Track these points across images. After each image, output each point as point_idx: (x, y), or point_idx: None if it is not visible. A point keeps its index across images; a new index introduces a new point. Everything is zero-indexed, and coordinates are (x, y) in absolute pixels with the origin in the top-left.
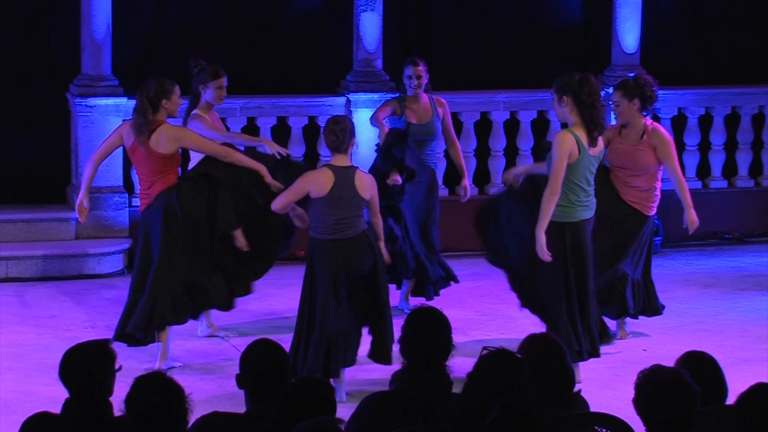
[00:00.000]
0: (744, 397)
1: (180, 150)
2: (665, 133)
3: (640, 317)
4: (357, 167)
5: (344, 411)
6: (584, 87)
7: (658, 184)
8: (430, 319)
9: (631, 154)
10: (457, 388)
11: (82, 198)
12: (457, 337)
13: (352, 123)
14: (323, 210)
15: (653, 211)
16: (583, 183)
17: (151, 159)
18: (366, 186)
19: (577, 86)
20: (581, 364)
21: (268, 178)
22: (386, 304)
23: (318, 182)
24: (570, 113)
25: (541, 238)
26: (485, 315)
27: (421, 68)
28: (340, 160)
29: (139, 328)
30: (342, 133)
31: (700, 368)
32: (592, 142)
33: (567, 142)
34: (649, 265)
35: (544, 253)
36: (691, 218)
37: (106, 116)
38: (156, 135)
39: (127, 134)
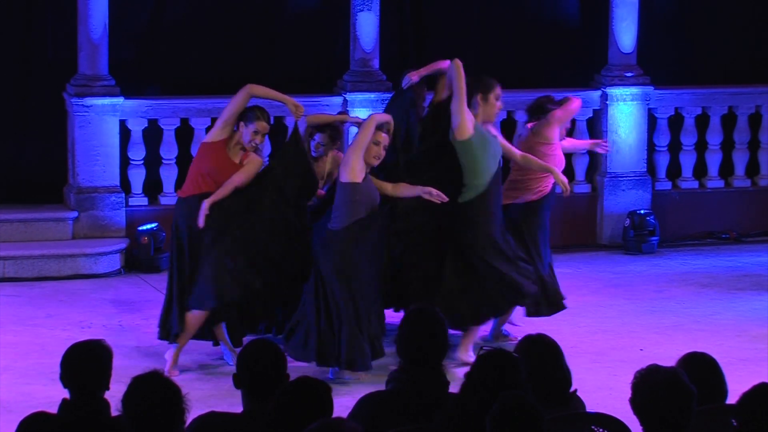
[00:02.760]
0: (746, 396)
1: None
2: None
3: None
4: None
5: (341, 411)
6: None
7: None
8: (426, 318)
9: None
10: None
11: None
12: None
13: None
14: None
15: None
16: None
17: (201, 153)
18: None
19: None
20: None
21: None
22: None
23: None
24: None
25: None
26: None
27: None
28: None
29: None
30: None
31: (701, 369)
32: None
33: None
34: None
35: None
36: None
37: (102, 116)
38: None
39: None
